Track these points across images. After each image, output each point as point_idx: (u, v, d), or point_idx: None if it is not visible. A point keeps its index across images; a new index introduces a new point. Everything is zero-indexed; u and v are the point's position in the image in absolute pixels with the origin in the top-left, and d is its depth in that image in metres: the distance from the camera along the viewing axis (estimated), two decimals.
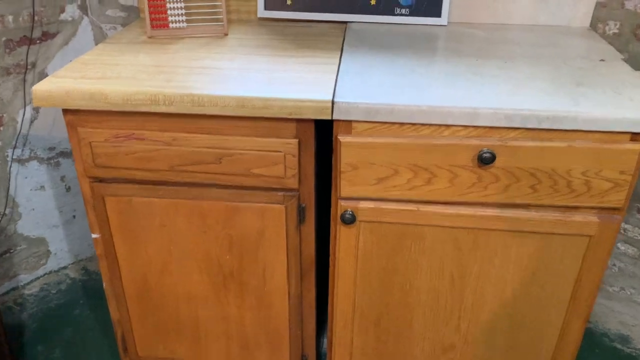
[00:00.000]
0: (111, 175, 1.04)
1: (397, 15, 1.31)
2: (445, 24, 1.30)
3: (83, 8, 1.52)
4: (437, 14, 1.30)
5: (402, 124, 0.93)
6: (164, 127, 0.98)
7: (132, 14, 1.51)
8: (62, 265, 1.74)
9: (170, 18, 1.23)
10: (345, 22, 1.33)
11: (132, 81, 0.97)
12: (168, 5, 1.22)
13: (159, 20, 1.23)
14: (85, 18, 1.53)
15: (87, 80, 0.98)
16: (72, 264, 1.75)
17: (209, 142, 0.98)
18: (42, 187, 1.61)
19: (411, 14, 1.31)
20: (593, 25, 1.32)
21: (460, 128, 0.92)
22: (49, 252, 1.70)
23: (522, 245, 1.01)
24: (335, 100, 0.92)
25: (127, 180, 1.04)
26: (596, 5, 1.30)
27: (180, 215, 1.06)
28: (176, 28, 1.23)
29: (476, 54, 1.13)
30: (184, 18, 1.23)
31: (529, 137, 0.92)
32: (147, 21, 1.22)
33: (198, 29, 1.24)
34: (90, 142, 1.00)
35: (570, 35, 1.25)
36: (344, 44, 1.19)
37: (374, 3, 1.30)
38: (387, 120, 0.92)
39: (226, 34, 1.25)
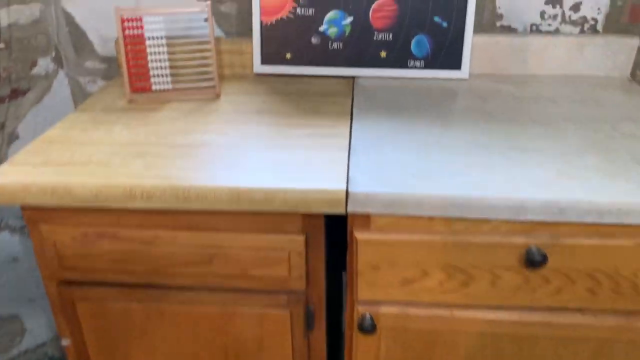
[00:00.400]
0: (81, 278, 0.87)
1: (411, 68, 1.15)
2: (467, 77, 1.14)
3: (58, 61, 1.36)
4: (457, 66, 1.14)
5: (432, 217, 0.77)
6: (143, 224, 0.82)
7: (112, 65, 1.35)
8: (39, 343, 1.55)
9: (153, 79, 1.07)
10: (353, 77, 1.17)
11: (104, 169, 0.81)
12: (151, 65, 1.06)
13: (140, 82, 1.07)
14: (61, 71, 1.37)
15: (49, 169, 0.81)
16: (50, 340, 1.57)
17: (197, 240, 0.82)
18: (15, 259, 1.44)
19: (427, 67, 1.15)
20: (632, 73, 1.17)
21: (502, 222, 0.76)
22: (24, 329, 1.52)
23: (575, 354, 0.84)
24: (350, 190, 0.75)
25: (101, 284, 0.87)
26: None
27: (165, 321, 0.89)
28: (160, 90, 1.07)
29: (509, 117, 0.97)
30: (169, 79, 1.07)
31: (587, 232, 0.75)
32: (126, 83, 1.05)
33: (186, 91, 1.08)
34: (54, 242, 0.83)
35: (610, 89, 1.09)
36: (353, 107, 1.03)
37: (384, 55, 1.15)
38: (414, 214, 0.76)
39: (218, 96, 1.09)
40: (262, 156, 0.84)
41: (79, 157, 0.85)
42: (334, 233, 0.95)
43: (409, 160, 0.82)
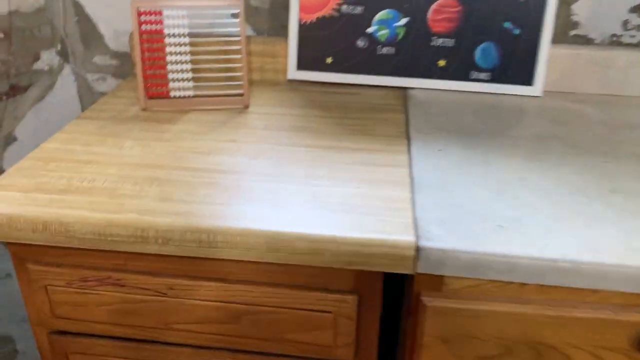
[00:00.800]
0: (77, 329, 0.71)
1: (474, 81, 0.98)
2: (539, 94, 0.97)
3: (64, 55, 1.20)
4: (528, 81, 0.97)
5: (524, 283, 0.60)
6: (155, 269, 0.66)
7: (125, 63, 1.19)
8: None
9: (172, 84, 0.90)
10: (404, 89, 1.00)
11: (109, 200, 0.64)
12: (170, 67, 0.90)
13: (156, 86, 0.90)
14: (67, 67, 1.21)
15: (42, 196, 0.65)
16: None
17: (222, 294, 0.65)
18: (8, 275, 1.29)
19: (493, 80, 0.98)
20: None
21: (614, 293, 0.59)
22: (16, 351, 1.37)
23: None
24: (422, 244, 0.59)
25: (100, 336, 0.71)
26: None
27: None
28: (180, 97, 0.91)
29: (599, 148, 0.80)
30: (191, 84, 0.91)
31: None
32: (141, 87, 0.89)
33: (209, 99, 0.92)
34: (45, 286, 0.67)
35: None
36: (410, 127, 0.86)
37: (443, 64, 0.98)
38: (502, 279, 0.59)
39: (247, 106, 0.92)
40: (304, 190, 0.67)
41: (80, 181, 0.68)
42: None
43: (490, 204, 0.66)
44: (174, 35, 0.89)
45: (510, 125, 0.87)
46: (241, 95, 0.92)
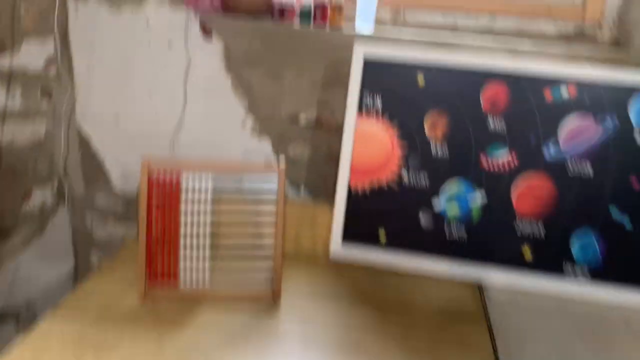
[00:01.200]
0: None
1: (569, 279, 0.76)
2: None
3: (59, 194, 1.01)
4: (637, 282, 0.75)
5: None
6: None
7: (131, 207, 1.00)
8: None
9: (182, 270, 0.69)
10: (478, 282, 0.79)
11: None
12: (182, 245, 0.69)
13: (162, 272, 0.70)
14: (62, 208, 1.02)
15: None
16: None
17: None
18: None
19: (594, 282, 0.76)
20: None
21: None
22: None
23: None
24: None
25: None
26: None
27: None
28: (191, 289, 0.70)
29: None
30: (207, 277, 0.70)
31: None
32: (141, 272, 0.68)
33: (228, 290, 0.70)
34: None
35: None
36: (498, 352, 0.63)
37: (530, 256, 0.77)
38: None
39: (277, 299, 0.71)
40: None
41: None
42: None
43: None
44: (191, 209, 0.69)
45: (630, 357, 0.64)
46: (269, 289, 0.71)
